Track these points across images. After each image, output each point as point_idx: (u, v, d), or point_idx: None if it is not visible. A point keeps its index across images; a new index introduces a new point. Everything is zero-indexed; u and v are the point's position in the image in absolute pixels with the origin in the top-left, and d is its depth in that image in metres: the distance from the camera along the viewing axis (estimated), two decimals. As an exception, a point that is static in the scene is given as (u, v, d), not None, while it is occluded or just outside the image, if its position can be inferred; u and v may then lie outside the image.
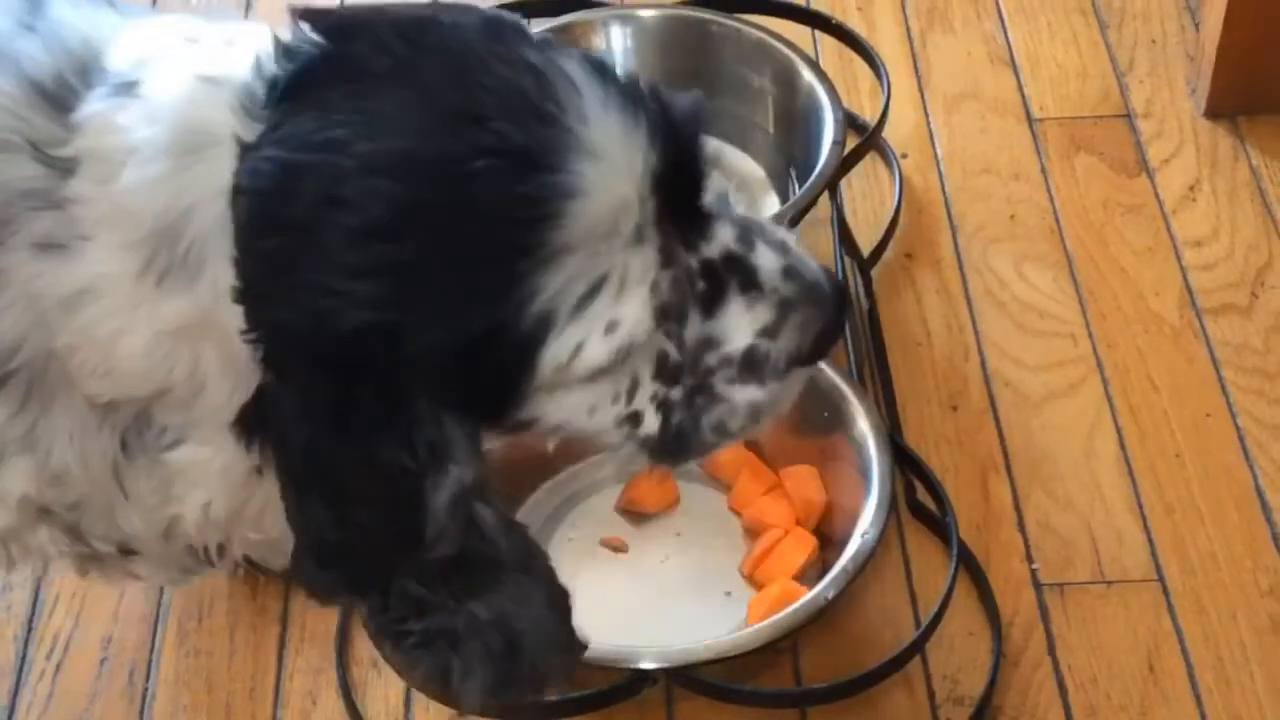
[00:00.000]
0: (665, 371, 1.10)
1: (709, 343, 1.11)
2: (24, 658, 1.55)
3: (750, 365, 1.12)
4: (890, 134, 1.90)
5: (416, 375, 1.02)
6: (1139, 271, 1.79)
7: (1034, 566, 1.57)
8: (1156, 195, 1.86)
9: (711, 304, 1.10)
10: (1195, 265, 1.80)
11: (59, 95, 1.06)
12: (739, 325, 1.11)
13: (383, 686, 1.51)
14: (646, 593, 1.54)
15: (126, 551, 1.27)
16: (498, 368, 1.04)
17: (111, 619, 1.57)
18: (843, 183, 1.84)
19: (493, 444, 1.12)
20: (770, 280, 1.10)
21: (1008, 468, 1.64)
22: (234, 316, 1.04)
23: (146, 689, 1.53)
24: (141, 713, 1.51)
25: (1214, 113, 1.93)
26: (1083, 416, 1.68)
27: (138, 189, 1.03)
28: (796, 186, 1.81)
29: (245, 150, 1.02)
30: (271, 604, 1.57)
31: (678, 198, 1.06)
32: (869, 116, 1.90)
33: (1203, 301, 1.76)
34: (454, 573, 1.10)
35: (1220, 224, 1.83)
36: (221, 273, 1.03)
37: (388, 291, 1.00)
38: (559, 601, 1.17)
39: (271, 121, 1.02)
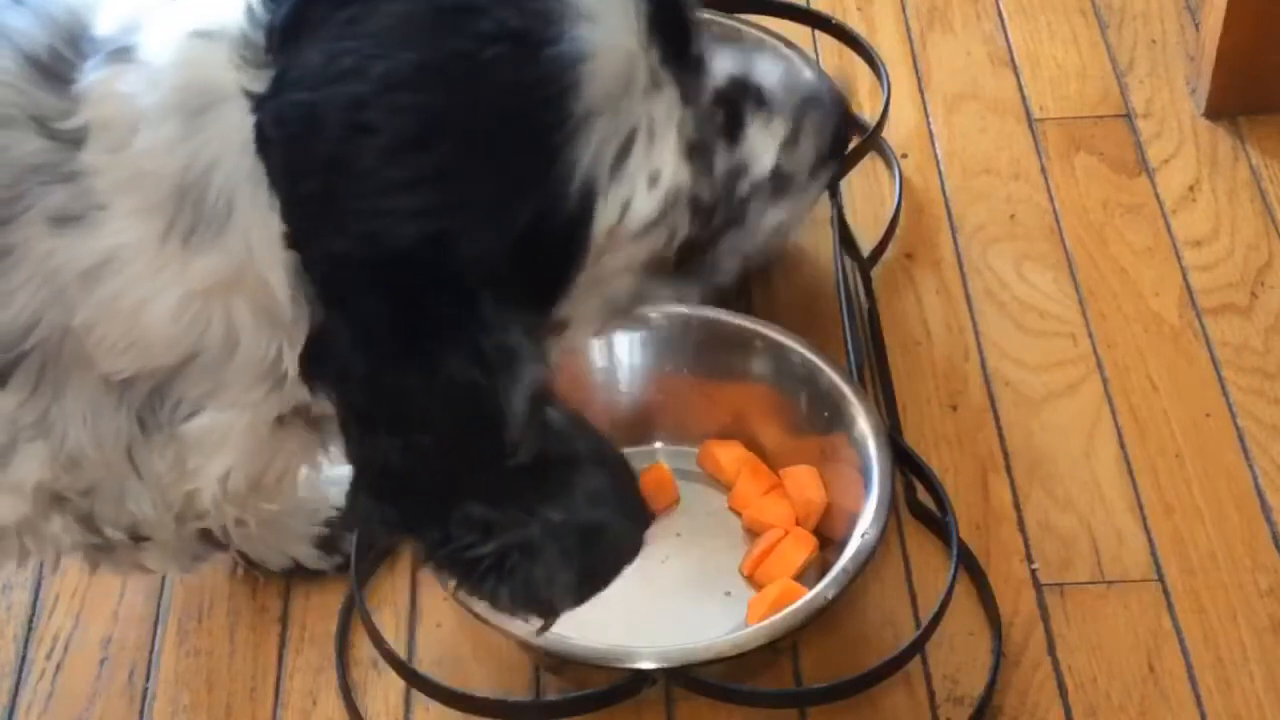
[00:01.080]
0: (700, 211, 1.11)
1: (738, 171, 1.12)
2: (24, 658, 1.55)
3: (779, 184, 1.13)
4: (890, 134, 1.90)
5: (475, 280, 1.03)
6: (1139, 271, 1.79)
7: (1034, 566, 1.57)
8: (1156, 195, 1.86)
9: (733, 131, 1.11)
10: (1195, 265, 1.80)
11: (55, 68, 1.06)
12: (763, 145, 1.12)
13: (383, 686, 1.51)
14: (646, 593, 1.53)
15: (138, 538, 1.28)
16: (553, 251, 1.05)
17: (111, 619, 1.57)
18: (843, 183, 1.84)
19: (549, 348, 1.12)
20: (777, 93, 1.12)
21: (1008, 468, 1.64)
22: (270, 265, 1.05)
23: (146, 689, 1.53)
24: (141, 713, 1.51)
25: (1214, 113, 1.93)
26: (1083, 416, 1.68)
27: (152, 153, 1.03)
28: (796, 186, 1.81)
29: (260, 101, 1.02)
30: (271, 604, 1.57)
31: (676, 38, 1.07)
32: (869, 116, 1.90)
33: (1203, 301, 1.76)
34: (528, 481, 1.10)
35: (1220, 224, 1.83)
36: (253, 223, 1.04)
37: (432, 200, 1.01)
38: (627, 478, 1.18)
39: (279, 67, 1.02)
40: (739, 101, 1.11)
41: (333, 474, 1.59)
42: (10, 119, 1.06)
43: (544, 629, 1.21)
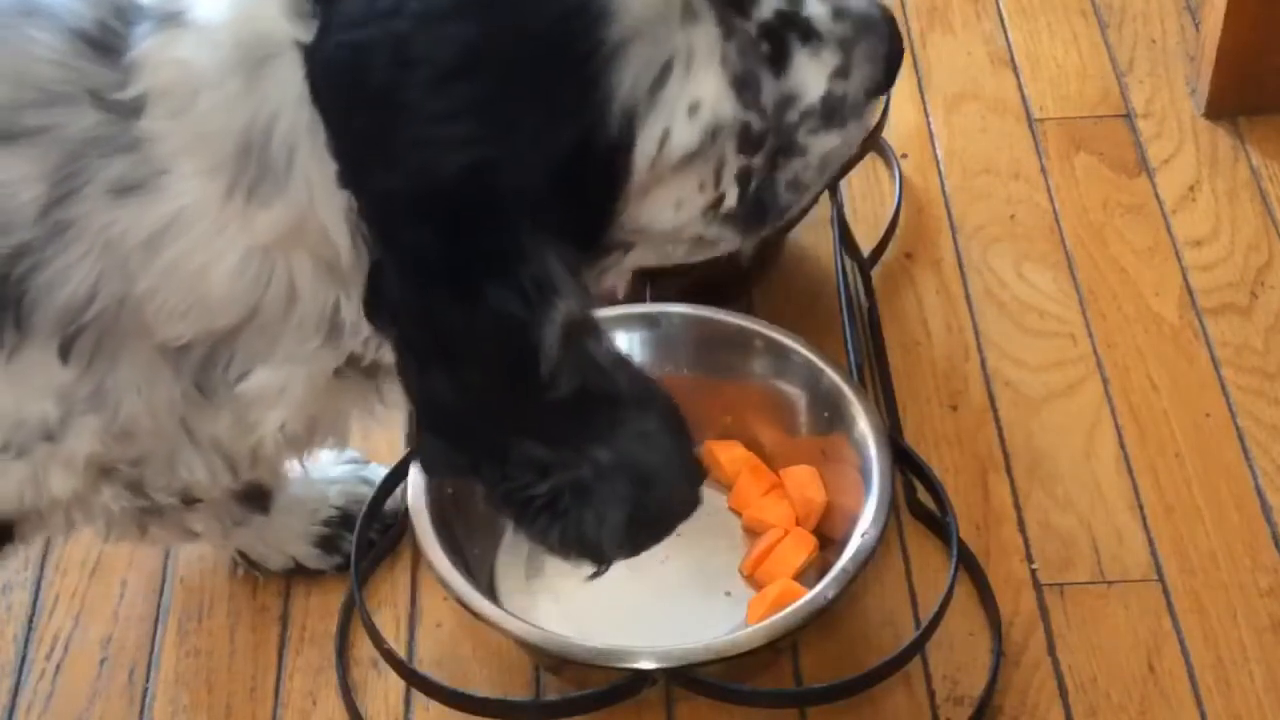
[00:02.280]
0: (749, 143, 1.11)
1: (788, 101, 1.12)
2: (24, 658, 1.55)
3: (829, 111, 1.13)
4: (890, 134, 1.90)
5: (516, 211, 1.04)
6: (1139, 271, 1.79)
7: (1034, 566, 1.57)
8: (1156, 195, 1.86)
9: (779, 62, 1.11)
10: (1195, 265, 1.80)
11: (105, 40, 1.06)
12: (811, 75, 1.12)
13: (383, 686, 1.51)
14: (646, 593, 1.53)
15: (189, 501, 1.29)
16: (593, 180, 1.06)
17: (111, 619, 1.57)
18: (843, 183, 1.84)
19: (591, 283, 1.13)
20: (825, 25, 1.12)
21: (1008, 468, 1.64)
22: (329, 213, 1.06)
23: (146, 689, 1.53)
24: (141, 713, 1.51)
25: (1214, 113, 1.93)
26: (1083, 416, 1.68)
27: (215, 112, 1.04)
28: (796, 186, 1.81)
29: (310, 50, 1.04)
30: (271, 604, 1.57)
31: None
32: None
33: (1203, 301, 1.76)
34: (574, 419, 1.11)
35: (1220, 224, 1.83)
36: (313, 172, 1.05)
37: (474, 130, 1.02)
38: (678, 428, 1.18)
39: (324, 14, 1.04)
40: (785, 33, 1.11)
41: (332, 474, 1.60)
42: (64, 95, 1.06)
43: (595, 575, 1.22)
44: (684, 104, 1.06)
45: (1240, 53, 1.89)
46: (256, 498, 1.45)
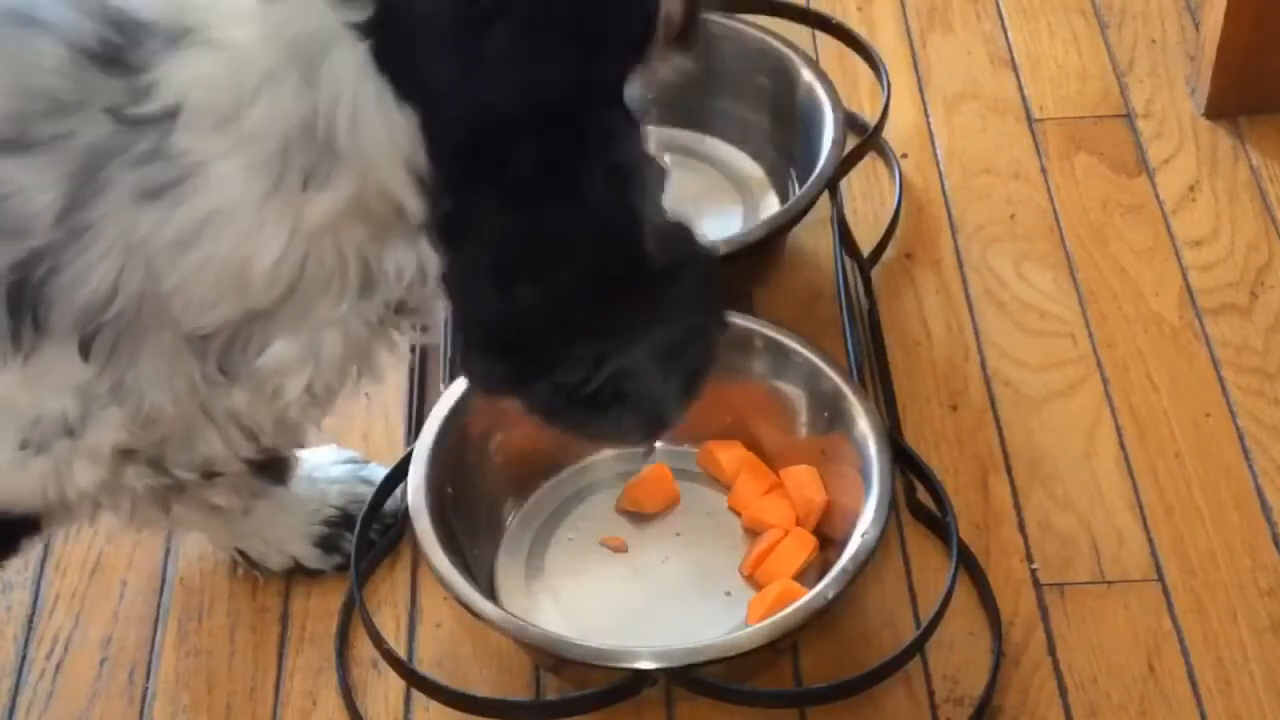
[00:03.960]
0: None
1: None
2: (24, 658, 1.55)
3: None
4: (890, 134, 1.90)
5: (603, 99, 1.09)
6: (1139, 271, 1.79)
7: (1034, 566, 1.57)
8: (1156, 195, 1.86)
9: None
10: (1195, 265, 1.80)
11: (110, 55, 1.06)
12: None
13: (383, 686, 1.51)
14: (646, 593, 1.54)
15: (210, 475, 1.30)
16: (642, 54, 1.12)
17: (111, 619, 1.57)
18: (843, 183, 1.84)
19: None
20: None
21: (1008, 468, 1.64)
22: (393, 169, 1.08)
23: (146, 689, 1.53)
24: (141, 713, 1.51)
25: (1214, 113, 1.93)
26: (1083, 416, 1.68)
27: (267, 118, 1.05)
28: (796, 186, 1.81)
29: (367, 25, 1.05)
30: (271, 604, 1.57)
31: None
32: (869, 116, 1.90)
33: (1203, 301, 1.76)
34: (643, 297, 1.17)
35: (1220, 224, 1.83)
36: (376, 138, 1.07)
37: (560, 39, 1.07)
38: (714, 274, 1.23)
39: None
40: None
41: (333, 473, 1.60)
42: (74, 105, 1.06)
43: (650, 451, 1.31)
44: None
45: (1240, 53, 1.89)
46: (274, 468, 1.46)
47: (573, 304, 1.14)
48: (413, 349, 1.74)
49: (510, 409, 1.57)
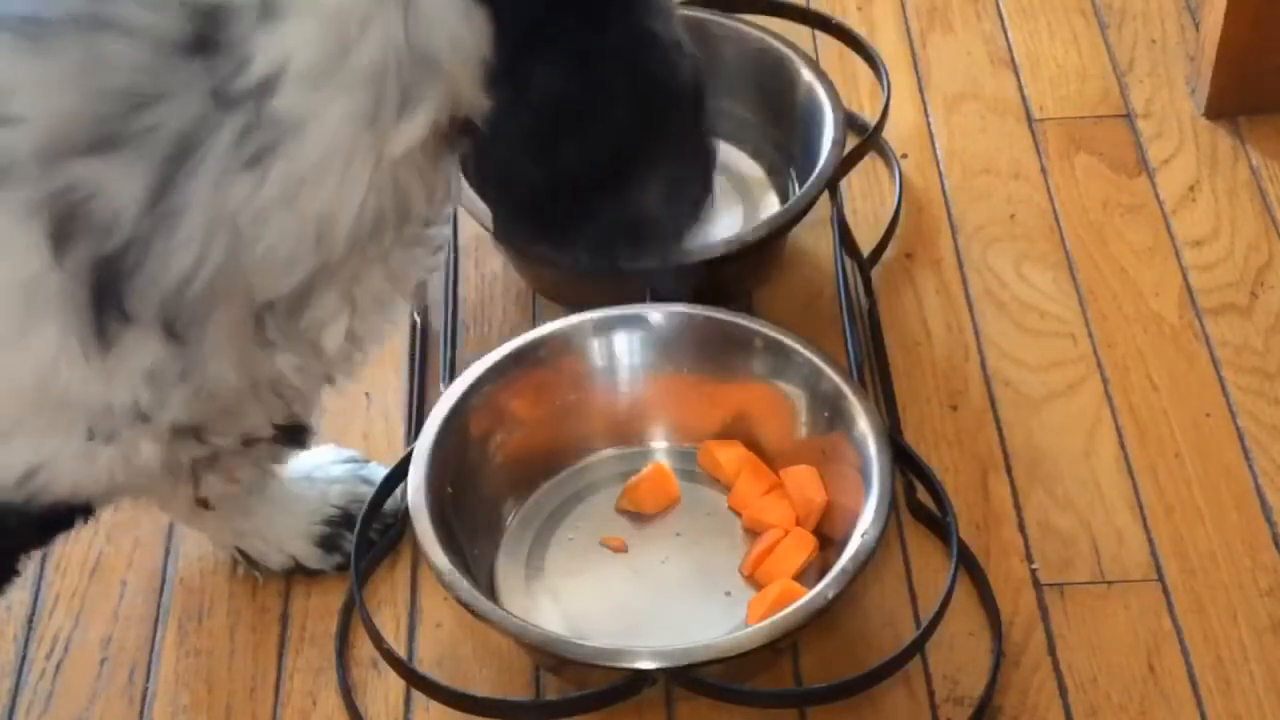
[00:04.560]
0: None
1: None
2: (24, 658, 1.55)
3: None
4: (890, 134, 1.90)
5: None
6: (1139, 271, 1.79)
7: (1034, 566, 1.57)
8: (1156, 195, 1.86)
9: None
10: (1195, 265, 1.80)
11: (198, 41, 1.06)
12: None
13: (383, 686, 1.51)
14: (646, 593, 1.54)
15: (249, 442, 1.31)
16: None
17: (111, 619, 1.57)
18: (843, 183, 1.84)
19: None
20: None
21: (1008, 468, 1.64)
22: (472, 74, 1.10)
23: (146, 689, 1.53)
24: (141, 713, 1.51)
25: (1214, 113, 1.93)
26: (1083, 416, 1.68)
27: (366, 59, 1.06)
28: (796, 186, 1.81)
29: None
30: (271, 604, 1.57)
31: None
32: (869, 116, 1.90)
33: (1203, 301, 1.76)
34: (671, 129, 1.22)
35: (1220, 224, 1.84)
36: (461, 48, 1.09)
37: None
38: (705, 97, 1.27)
39: None
40: None
41: (333, 473, 1.61)
42: (160, 95, 1.05)
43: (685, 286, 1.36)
44: None
45: (1240, 53, 1.89)
46: (296, 434, 1.43)
47: (606, 151, 1.18)
48: (413, 348, 1.74)
49: (511, 411, 1.59)
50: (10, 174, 1.06)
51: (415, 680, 1.48)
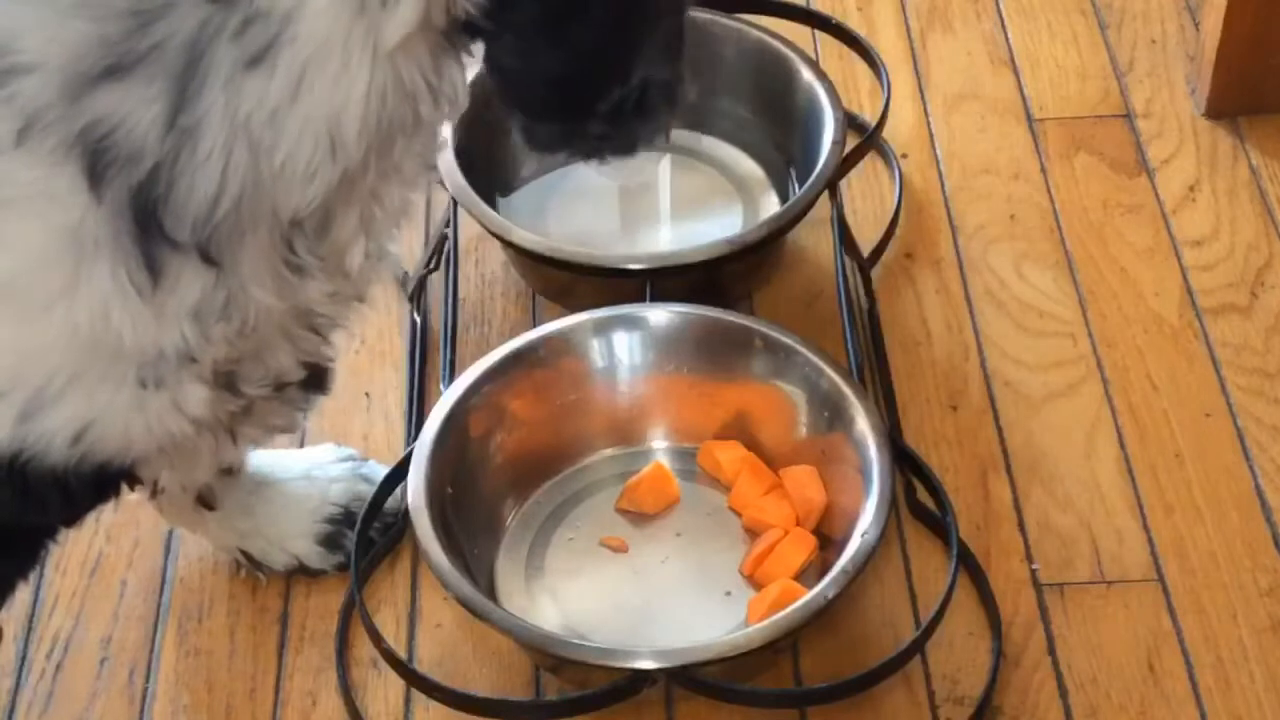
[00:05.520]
0: None
1: None
2: (24, 658, 1.55)
3: None
4: (890, 134, 1.90)
5: None
6: (1139, 271, 1.79)
7: (1034, 566, 1.57)
8: (1156, 195, 1.86)
9: None
10: (1195, 265, 1.80)
11: None
12: None
13: (383, 686, 1.51)
14: (646, 593, 1.54)
15: (280, 386, 1.30)
16: None
17: (111, 619, 1.57)
18: (843, 183, 1.84)
19: None
20: None
21: (1008, 468, 1.64)
22: None
23: (146, 689, 1.53)
24: (141, 713, 1.51)
25: (1214, 113, 1.93)
26: (1083, 416, 1.68)
27: None
28: (796, 186, 1.81)
29: None
30: (271, 604, 1.58)
31: None
32: (869, 116, 1.90)
33: (1203, 301, 1.76)
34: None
35: (1220, 224, 1.84)
36: None
37: None
38: None
39: None
40: None
41: (333, 472, 1.61)
42: (161, 8, 1.05)
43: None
44: None
45: (1240, 53, 1.89)
46: (319, 379, 1.41)
47: (610, 26, 1.17)
48: (413, 348, 1.74)
49: (511, 411, 1.59)
50: (38, 121, 1.05)
51: (415, 680, 1.48)
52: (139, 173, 1.07)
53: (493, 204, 1.74)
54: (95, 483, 1.24)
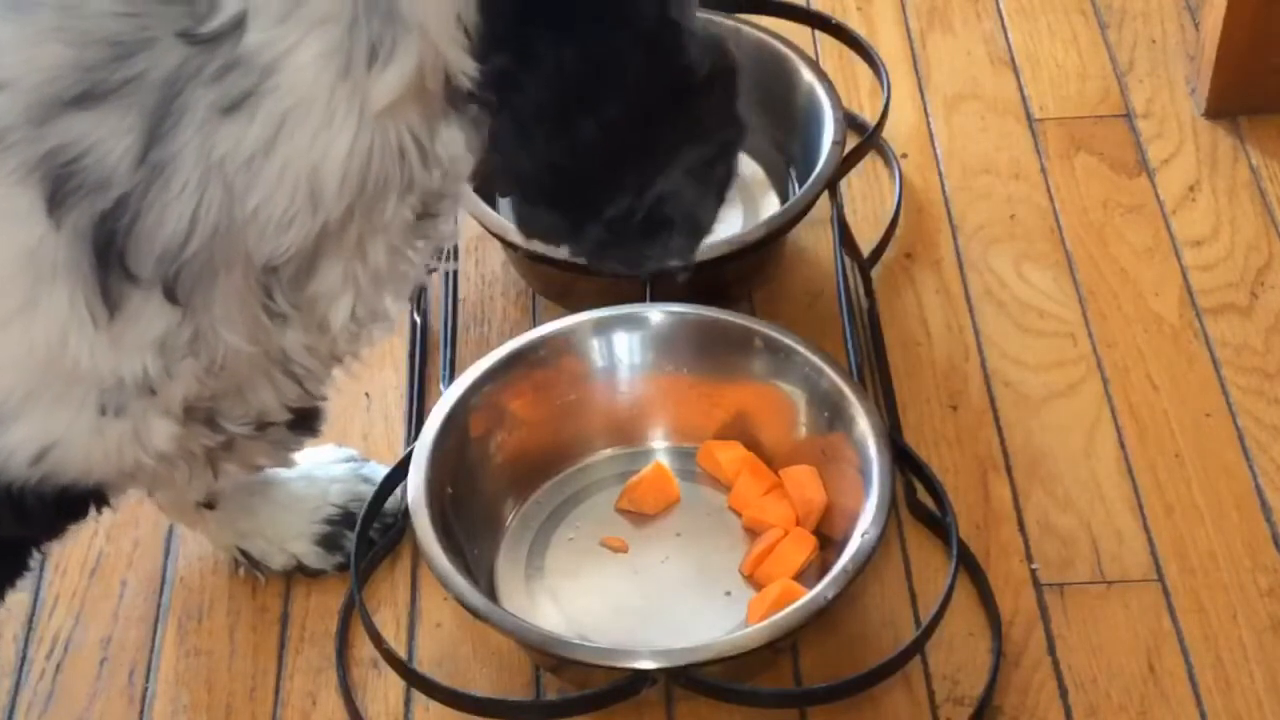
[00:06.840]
0: None
1: None
2: (24, 658, 1.55)
3: None
4: (890, 134, 1.90)
5: None
6: (1139, 271, 1.79)
7: (1034, 566, 1.57)
8: (1156, 195, 1.87)
9: None
10: (1195, 265, 1.80)
11: None
12: None
13: (383, 686, 1.51)
14: (646, 593, 1.54)
15: (262, 426, 1.29)
16: None
17: (111, 619, 1.57)
18: (843, 183, 1.84)
19: None
20: None
21: (1008, 468, 1.64)
22: (446, 40, 1.07)
23: (146, 689, 1.53)
24: (141, 713, 1.51)
25: (1214, 113, 1.93)
26: (1083, 416, 1.68)
27: (320, 2, 1.04)
28: (796, 186, 1.81)
29: None
30: (271, 604, 1.58)
31: None
32: (869, 116, 1.90)
33: (1203, 301, 1.76)
34: (684, 116, 1.19)
35: (1220, 224, 1.84)
36: (429, 8, 1.06)
37: None
38: (735, 79, 1.24)
39: None
40: None
41: (333, 472, 1.61)
42: (142, 42, 1.04)
43: (689, 267, 1.29)
44: None
45: (1240, 53, 1.89)
46: (308, 420, 1.42)
47: (624, 132, 1.15)
48: (413, 348, 1.74)
49: (511, 411, 1.59)
50: (2, 140, 1.05)
51: (415, 680, 1.48)
52: (104, 202, 1.06)
53: (493, 204, 1.74)
54: (58, 503, 1.24)
